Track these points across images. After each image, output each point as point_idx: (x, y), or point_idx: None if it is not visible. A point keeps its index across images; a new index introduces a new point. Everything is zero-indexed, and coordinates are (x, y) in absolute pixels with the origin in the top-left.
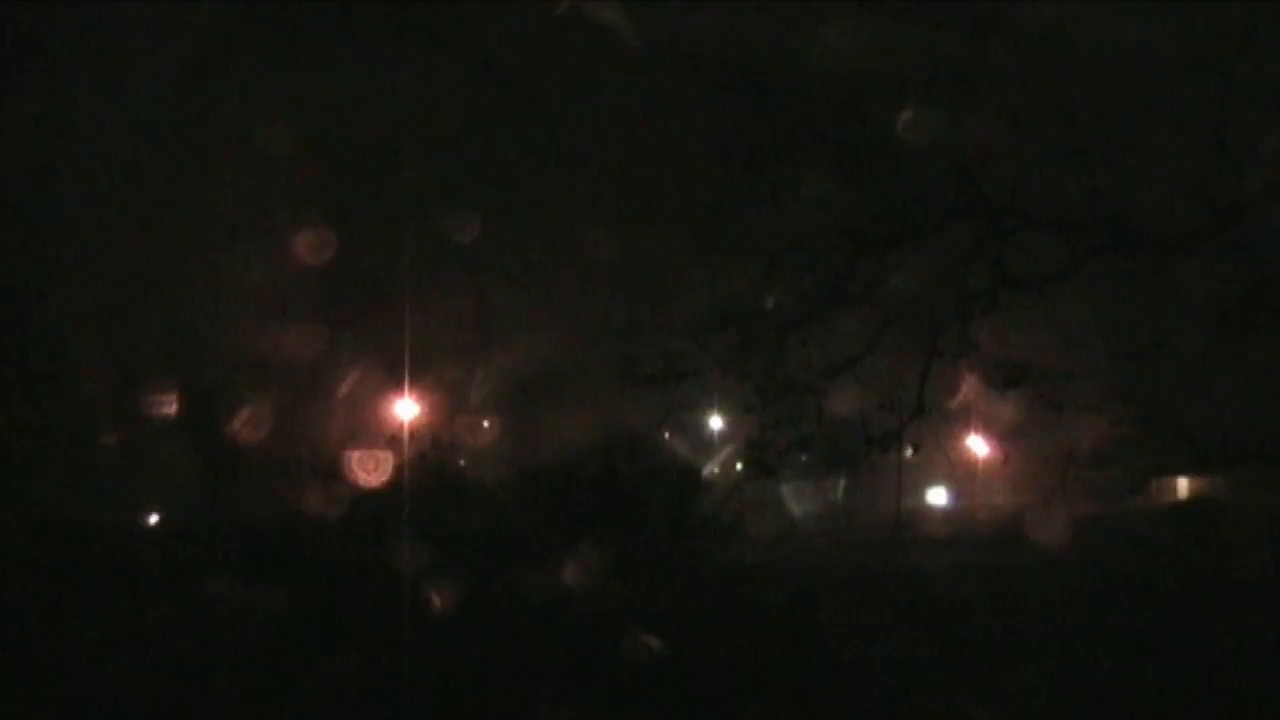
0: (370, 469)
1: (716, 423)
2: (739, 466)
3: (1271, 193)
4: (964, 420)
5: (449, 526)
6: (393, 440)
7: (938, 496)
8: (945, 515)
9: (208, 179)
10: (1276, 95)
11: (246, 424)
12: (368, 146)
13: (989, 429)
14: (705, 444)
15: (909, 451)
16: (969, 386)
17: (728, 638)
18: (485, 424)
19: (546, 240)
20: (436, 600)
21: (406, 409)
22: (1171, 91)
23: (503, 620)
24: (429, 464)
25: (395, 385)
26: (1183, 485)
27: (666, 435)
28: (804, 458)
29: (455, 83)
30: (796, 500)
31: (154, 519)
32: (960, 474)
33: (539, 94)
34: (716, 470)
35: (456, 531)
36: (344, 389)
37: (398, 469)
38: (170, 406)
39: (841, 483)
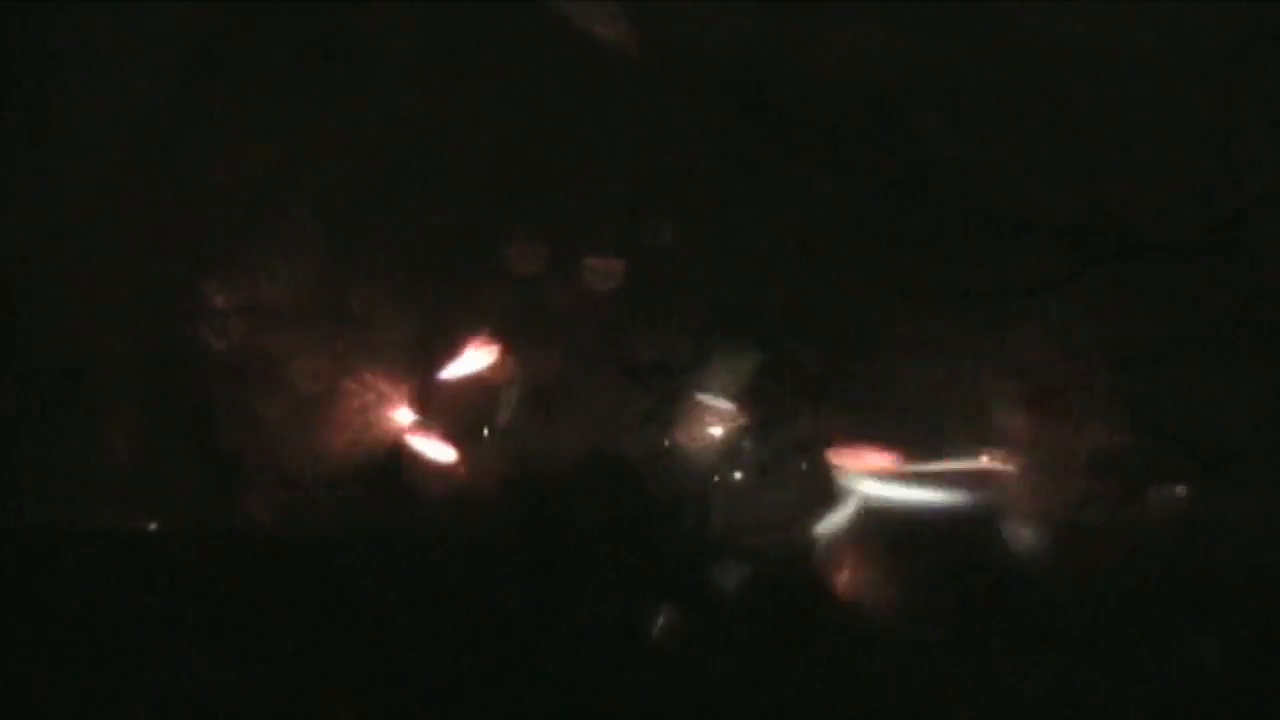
0: (371, 476)
1: (714, 427)
2: (737, 472)
3: (1272, 199)
4: (961, 427)
5: (447, 534)
6: (393, 447)
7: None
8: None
9: (209, 182)
10: (1278, 101)
11: (245, 430)
12: (367, 151)
13: (986, 436)
14: (702, 449)
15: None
16: (966, 394)
17: (729, 642)
18: (485, 431)
19: (547, 241)
20: (435, 608)
21: (406, 415)
22: (1173, 98)
23: (502, 627)
24: (429, 471)
25: (396, 392)
26: (1182, 492)
27: (663, 439)
28: (804, 465)
29: (451, 85)
30: (795, 504)
31: (152, 525)
32: (957, 481)
33: (539, 96)
34: (715, 474)
35: (455, 539)
36: (344, 395)
37: (397, 476)
38: (169, 411)
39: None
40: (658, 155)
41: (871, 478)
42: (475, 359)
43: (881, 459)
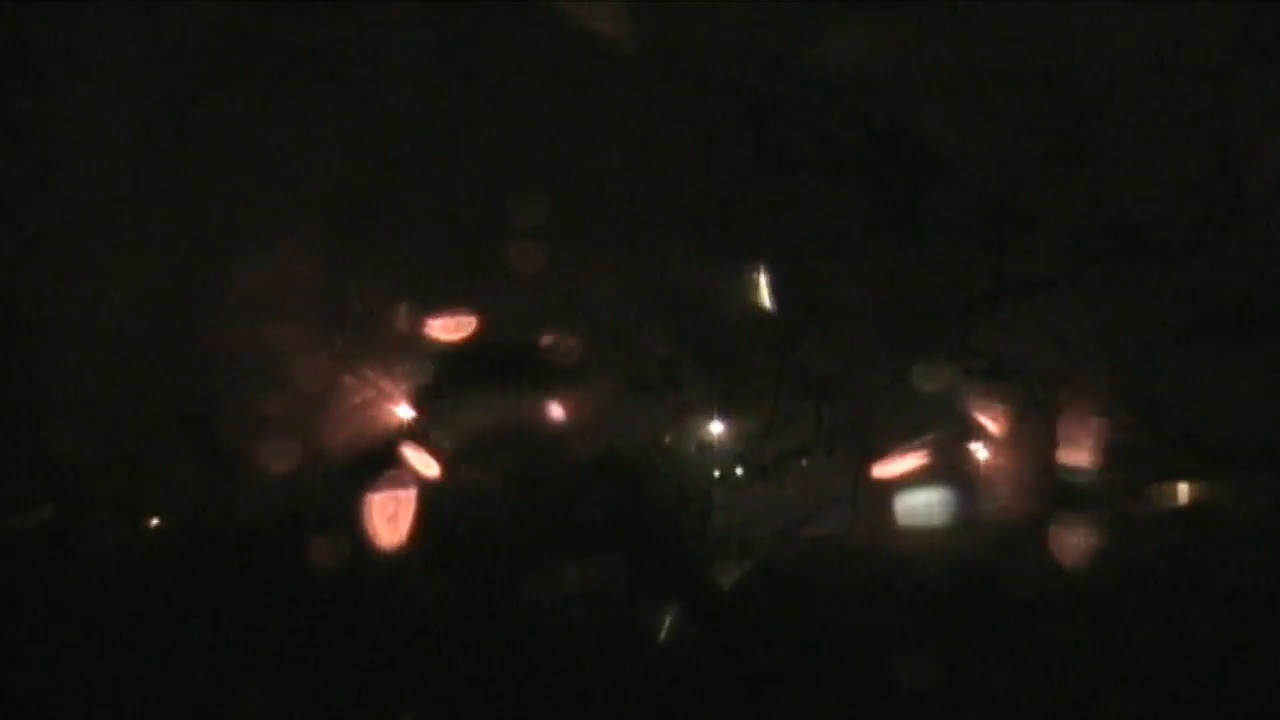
0: (369, 477)
1: (716, 427)
2: (739, 472)
3: (1273, 199)
4: (962, 426)
5: (449, 534)
6: (392, 446)
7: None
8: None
9: (210, 182)
10: (1278, 101)
11: (246, 428)
12: (367, 151)
13: (987, 435)
14: (705, 449)
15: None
16: (967, 392)
17: (729, 643)
18: (485, 433)
19: (546, 248)
20: (434, 608)
21: (406, 413)
22: (1173, 98)
23: (503, 630)
24: (428, 470)
25: (396, 392)
26: (1183, 490)
27: (666, 439)
28: (804, 463)
29: (451, 85)
30: (797, 504)
31: (154, 523)
32: (958, 480)
33: (539, 96)
34: (716, 475)
35: (456, 539)
36: (344, 395)
37: (397, 474)
38: (170, 410)
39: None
40: (658, 156)
41: (872, 479)
42: (475, 358)
43: (882, 460)
